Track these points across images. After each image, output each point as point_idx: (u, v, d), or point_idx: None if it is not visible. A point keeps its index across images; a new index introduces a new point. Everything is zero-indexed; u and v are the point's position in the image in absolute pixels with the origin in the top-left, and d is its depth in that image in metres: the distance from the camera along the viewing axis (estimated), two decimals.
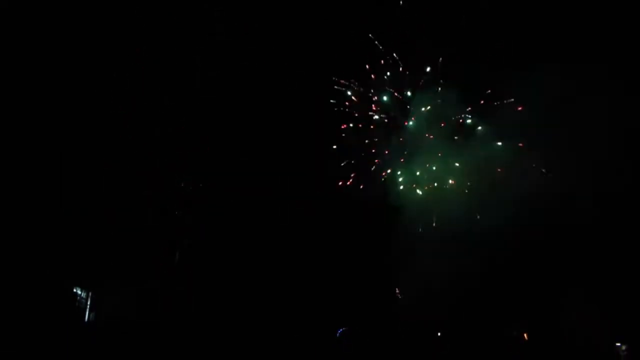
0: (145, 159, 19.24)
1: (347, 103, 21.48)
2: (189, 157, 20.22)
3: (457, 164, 20.97)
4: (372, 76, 21.11)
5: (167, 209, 19.76)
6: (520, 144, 20.27)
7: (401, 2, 20.33)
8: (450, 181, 21.04)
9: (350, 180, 21.63)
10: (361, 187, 21.50)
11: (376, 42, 20.67)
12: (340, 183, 21.58)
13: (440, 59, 20.55)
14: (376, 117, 21.38)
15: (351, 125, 21.55)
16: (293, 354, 18.79)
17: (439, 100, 20.76)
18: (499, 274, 19.99)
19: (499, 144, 20.53)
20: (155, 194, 19.53)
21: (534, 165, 20.11)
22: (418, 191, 21.24)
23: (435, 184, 21.12)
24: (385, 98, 21.23)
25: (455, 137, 21.11)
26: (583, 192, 19.01)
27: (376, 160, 21.62)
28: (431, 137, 21.05)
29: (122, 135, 18.80)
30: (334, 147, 21.59)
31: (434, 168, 21.17)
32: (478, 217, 20.47)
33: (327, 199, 21.25)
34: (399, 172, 21.49)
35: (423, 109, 21.06)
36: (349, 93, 21.33)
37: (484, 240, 20.07)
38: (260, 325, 19.36)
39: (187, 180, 20.23)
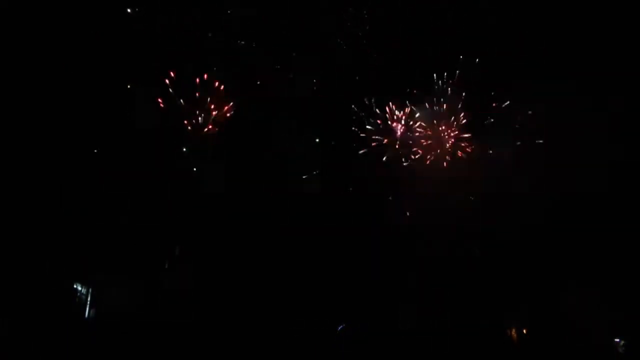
0: (145, 155, 19.33)
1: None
2: (188, 155, 20.29)
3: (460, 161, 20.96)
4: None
5: (167, 205, 19.81)
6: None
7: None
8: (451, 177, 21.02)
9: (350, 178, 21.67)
10: (360, 184, 21.52)
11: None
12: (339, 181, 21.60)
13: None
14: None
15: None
16: (293, 352, 18.80)
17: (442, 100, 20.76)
18: (498, 270, 19.98)
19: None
20: (155, 190, 19.60)
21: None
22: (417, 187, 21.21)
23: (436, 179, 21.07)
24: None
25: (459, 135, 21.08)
26: (583, 189, 19.07)
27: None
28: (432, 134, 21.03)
29: (119, 133, 18.88)
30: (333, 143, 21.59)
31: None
32: (479, 213, 20.42)
33: (326, 197, 21.26)
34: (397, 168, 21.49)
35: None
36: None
37: (484, 237, 20.13)
38: (261, 323, 19.37)
39: (186, 177, 20.28)
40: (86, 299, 18.82)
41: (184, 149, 20.11)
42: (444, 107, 20.78)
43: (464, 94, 20.57)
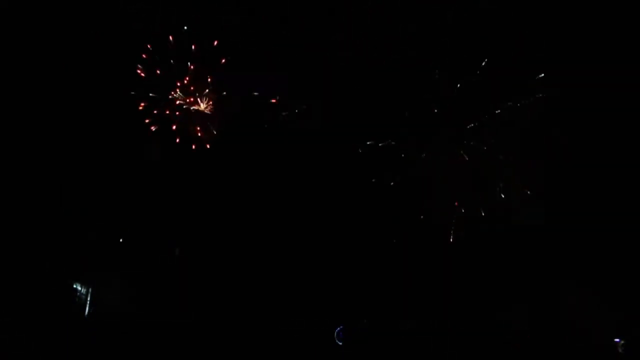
0: (145, 155, 19.37)
1: None
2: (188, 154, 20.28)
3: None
4: None
5: (167, 205, 19.84)
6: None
7: None
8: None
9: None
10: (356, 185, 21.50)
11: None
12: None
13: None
14: None
15: None
16: (293, 352, 18.80)
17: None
18: (498, 270, 19.98)
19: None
20: (154, 190, 19.63)
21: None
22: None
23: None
24: None
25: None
26: (586, 186, 19.11)
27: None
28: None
29: (119, 133, 18.91)
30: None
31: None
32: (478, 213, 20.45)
33: (325, 196, 21.23)
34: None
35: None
36: None
37: (483, 236, 20.14)
38: (260, 323, 19.38)
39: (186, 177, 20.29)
40: (86, 299, 18.84)
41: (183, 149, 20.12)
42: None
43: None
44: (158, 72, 19.35)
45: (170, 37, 19.13)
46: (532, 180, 19.73)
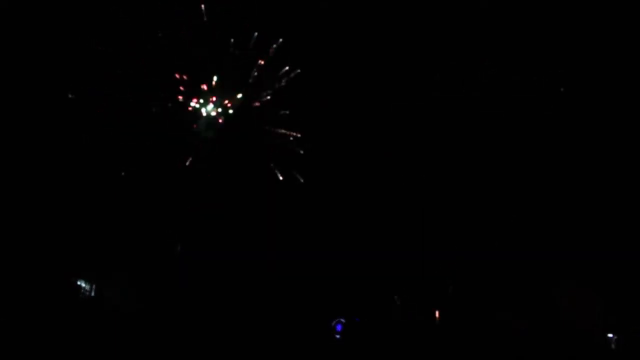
0: (147, 152, 19.37)
1: None
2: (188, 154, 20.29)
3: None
4: None
5: (169, 203, 19.88)
6: None
7: None
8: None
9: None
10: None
11: None
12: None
13: None
14: None
15: None
16: (289, 347, 18.99)
17: None
18: (495, 266, 20.21)
19: None
20: (158, 187, 19.66)
21: None
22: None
23: None
24: None
25: None
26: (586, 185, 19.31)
27: None
28: None
29: (124, 131, 18.87)
30: None
31: None
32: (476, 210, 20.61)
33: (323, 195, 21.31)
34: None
35: None
36: None
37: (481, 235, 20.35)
38: (258, 319, 19.56)
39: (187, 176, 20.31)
40: (90, 296, 18.96)
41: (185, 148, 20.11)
42: None
43: None
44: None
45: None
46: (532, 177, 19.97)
